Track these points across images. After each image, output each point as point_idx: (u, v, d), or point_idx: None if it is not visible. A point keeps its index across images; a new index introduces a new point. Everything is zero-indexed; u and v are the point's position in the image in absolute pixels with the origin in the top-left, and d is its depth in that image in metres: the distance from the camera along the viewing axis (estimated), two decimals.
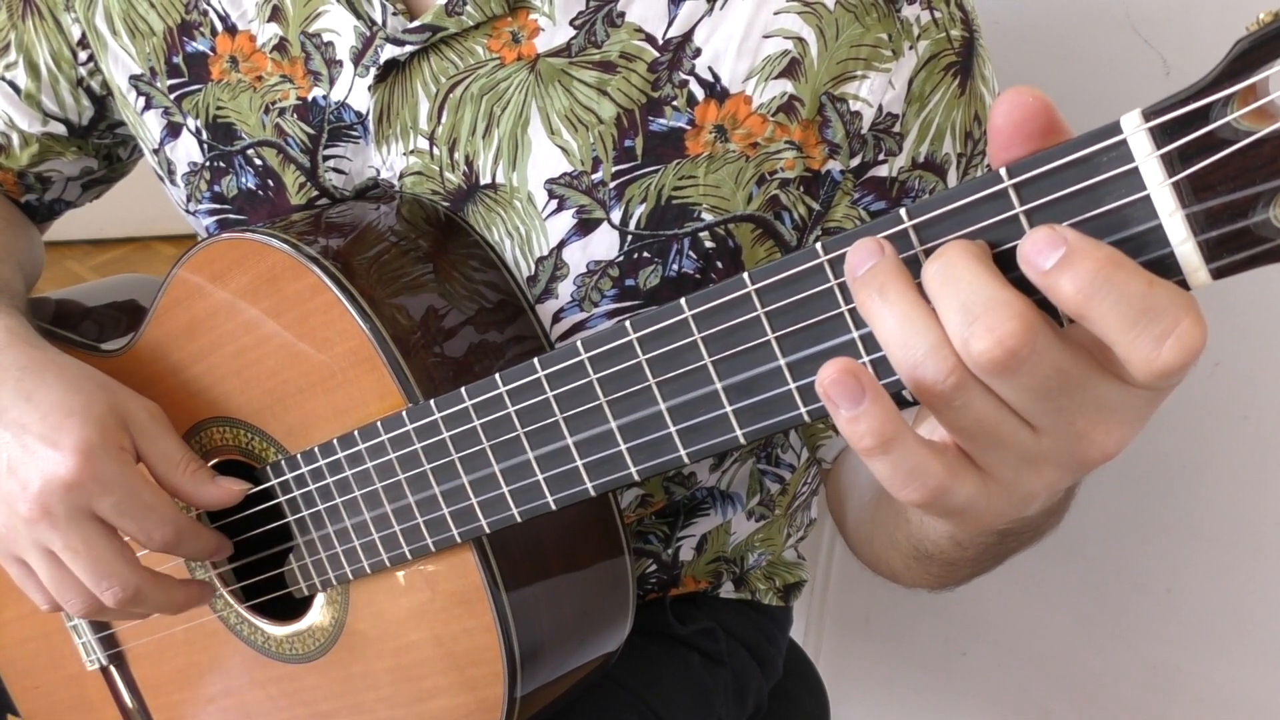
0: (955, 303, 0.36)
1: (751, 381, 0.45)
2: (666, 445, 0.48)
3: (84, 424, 0.59)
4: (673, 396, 0.47)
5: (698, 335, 0.45)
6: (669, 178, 0.62)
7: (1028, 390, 0.36)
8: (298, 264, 0.60)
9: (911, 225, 0.39)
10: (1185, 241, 0.35)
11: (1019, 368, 0.35)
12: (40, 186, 0.83)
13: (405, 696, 0.65)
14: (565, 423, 0.51)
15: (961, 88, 0.62)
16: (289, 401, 0.63)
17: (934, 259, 0.37)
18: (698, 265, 0.64)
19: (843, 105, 0.61)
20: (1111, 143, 0.35)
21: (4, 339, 0.64)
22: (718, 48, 0.61)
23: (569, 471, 0.51)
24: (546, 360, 0.50)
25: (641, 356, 0.47)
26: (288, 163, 0.70)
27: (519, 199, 0.64)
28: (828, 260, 0.41)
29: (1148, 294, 0.34)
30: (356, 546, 0.62)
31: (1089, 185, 0.36)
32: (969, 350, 0.36)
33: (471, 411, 0.54)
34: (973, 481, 0.39)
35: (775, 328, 0.43)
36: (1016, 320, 0.35)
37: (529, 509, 0.54)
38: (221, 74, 0.71)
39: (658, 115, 0.62)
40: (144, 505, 0.60)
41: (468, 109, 0.64)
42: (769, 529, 0.87)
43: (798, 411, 0.44)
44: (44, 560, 0.62)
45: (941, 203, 0.39)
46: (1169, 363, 0.34)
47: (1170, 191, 0.35)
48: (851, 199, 0.63)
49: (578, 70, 0.62)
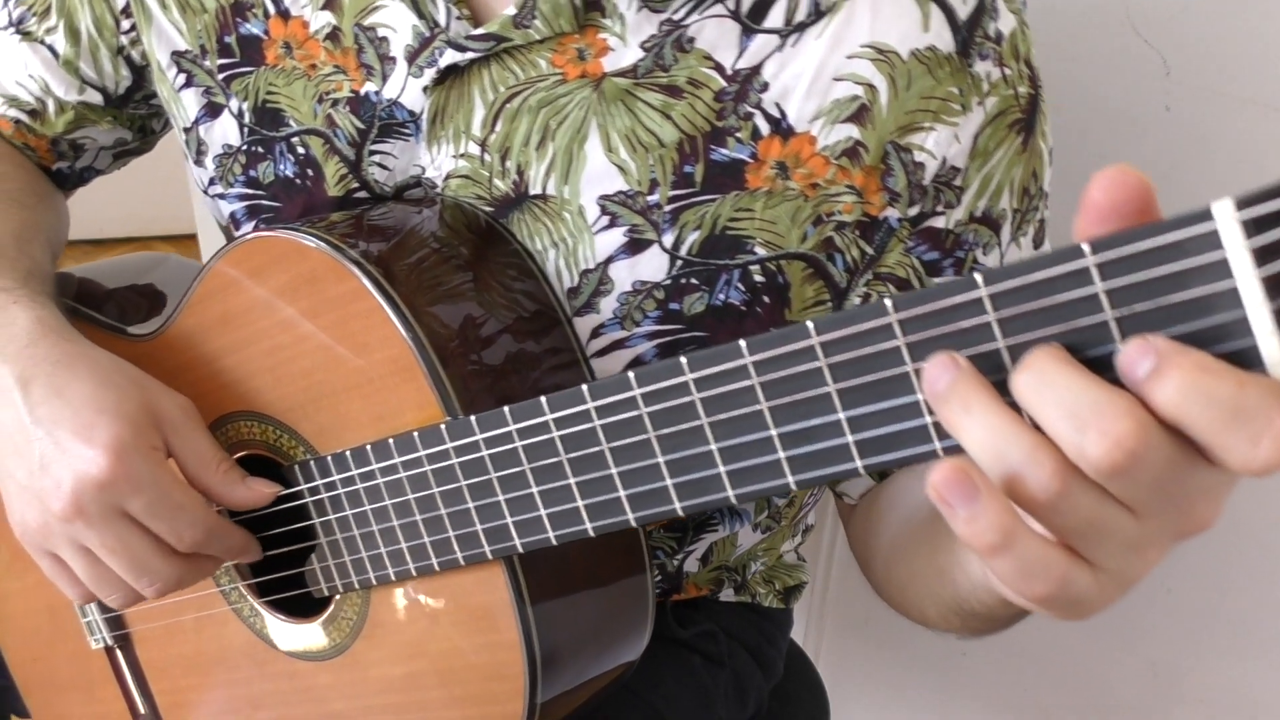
0: (1059, 410, 0.36)
1: (809, 431, 0.44)
2: (714, 484, 0.48)
3: (116, 421, 0.59)
4: (725, 438, 0.47)
5: (756, 380, 0.45)
6: (726, 208, 0.62)
7: (1141, 484, 0.36)
8: (340, 267, 0.59)
9: (988, 293, 0.39)
10: (1271, 334, 0.35)
11: (1137, 467, 0.35)
12: (72, 154, 0.82)
13: (420, 704, 0.65)
14: (611, 453, 0.50)
15: (1024, 145, 0.62)
16: (322, 402, 0.63)
17: (1022, 370, 0.37)
18: (744, 297, 0.63)
19: (907, 155, 0.60)
20: (1201, 231, 0.35)
21: (36, 331, 0.63)
22: (786, 84, 0.61)
23: (610, 501, 0.51)
24: (596, 389, 0.50)
25: (696, 395, 0.47)
26: (332, 154, 0.69)
27: (569, 211, 0.64)
28: (897, 320, 0.41)
29: (1239, 396, 0.34)
30: (383, 553, 0.62)
31: (1175, 271, 0.36)
32: (1085, 456, 0.36)
33: (515, 434, 0.53)
34: (1087, 573, 0.39)
35: (837, 379, 0.43)
36: (1130, 420, 0.35)
37: (566, 534, 0.54)
38: (276, 59, 0.70)
39: (720, 145, 0.61)
40: (175, 505, 0.60)
41: (524, 120, 0.63)
42: (772, 539, 0.87)
43: (854, 464, 0.44)
44: (80, 557, 0.62)
45: (1020, 273, 0.38)
46: (1266, 461, 0.34)
47: (1259, 284, 0.35)
48: (905, 246, 0.63)
49: (643, 92, 0.62)
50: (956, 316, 0.40)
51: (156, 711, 0.80)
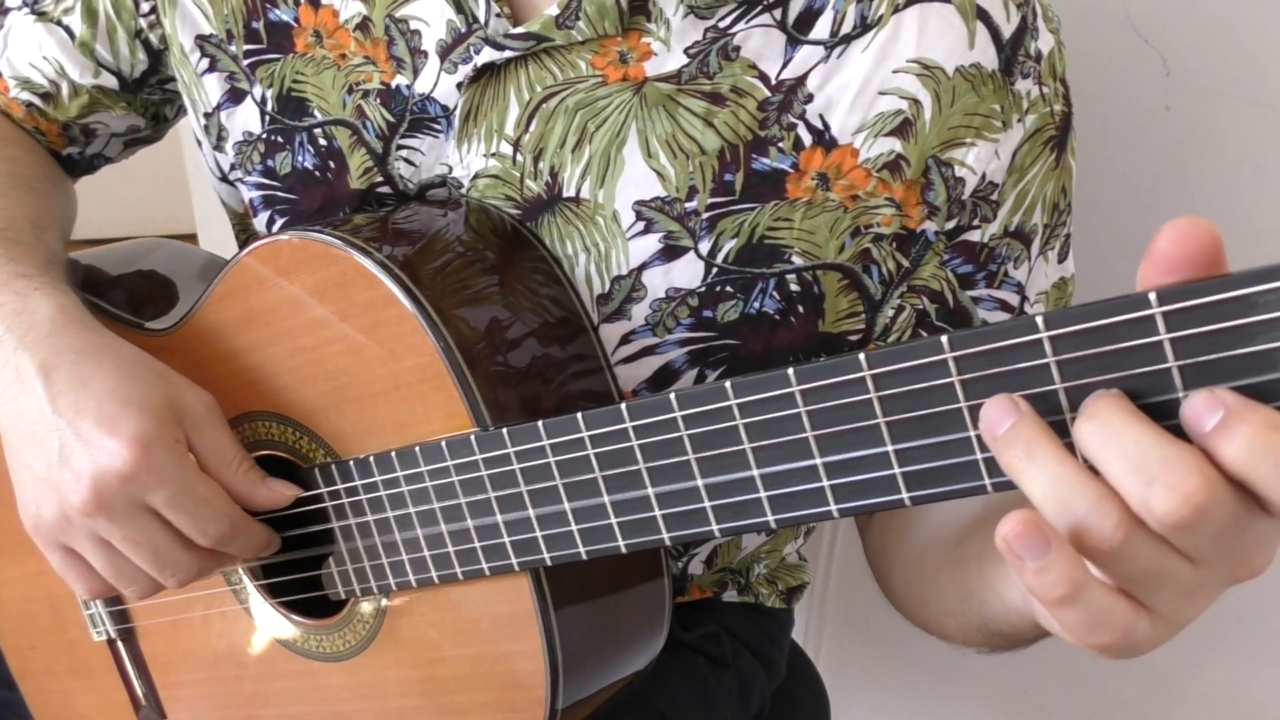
0: (1126, 464, 0.36)
1: (855, 461, 0.44)
2: (754, 509, 0.48)
3: (140, 414, 0.58)
4: (768, 464, 0.47)
5: (803, 409, 0.45)
6: (765, 217, 0.62)
7: (1203, 537, 0.36)
8: (370, 273, 0.58)
9: (1048, 336, 0.39)
10: None
11: (1203, 522, 0.35)
12: (84, 139, 0.81)
13: (436, 710, 0.64)
14: (648, 473, 0.50)
15: (1056, 161, 0.63)
16: (345, 407, 0.62)
17: (1087, 419, 0.37)
18: (779, 306, 0.63)
19: (948, 170, 0.60)
20: (1272, 287, 0.35)
21: (59, 319, 0.62)
22: (831, 96, 0.60)
23: (645, 520, 0.51)
24: (635, 409, 0.50)
25: (739, 420, 0.47)
26: (359, 145, 0.68)
27: (602, 215, 0.63)
28: (953, 357, 0.41)
29: None
30: (405, 560, 0.61)
31: (1242, 324, 0.36)
32: (1151, 511, 0.36)
33: (548, 449, 0.53)
34: (1146, 619, 0.39)
35: (887, 413, 0.43)
36: (1198, 476, 0.35)
37: (597, 549, 0.54)
38: (306, 48, 0.69)
39: (762, 154, 0.61)
40: (199, 499, 0.59)
41: (560, 121, 0.63)
42: (775, 541, 0.87)
43: (900, 496, 0.44)
44: (100, 550, 0.61)
45: (1083, 318, 0.38)
46: None
47: None
48: (940, 259, 0.63)
49: (685, 98, 0.61)
50: (1015, 358, 0.40)
51: (159, 704, 0.80)
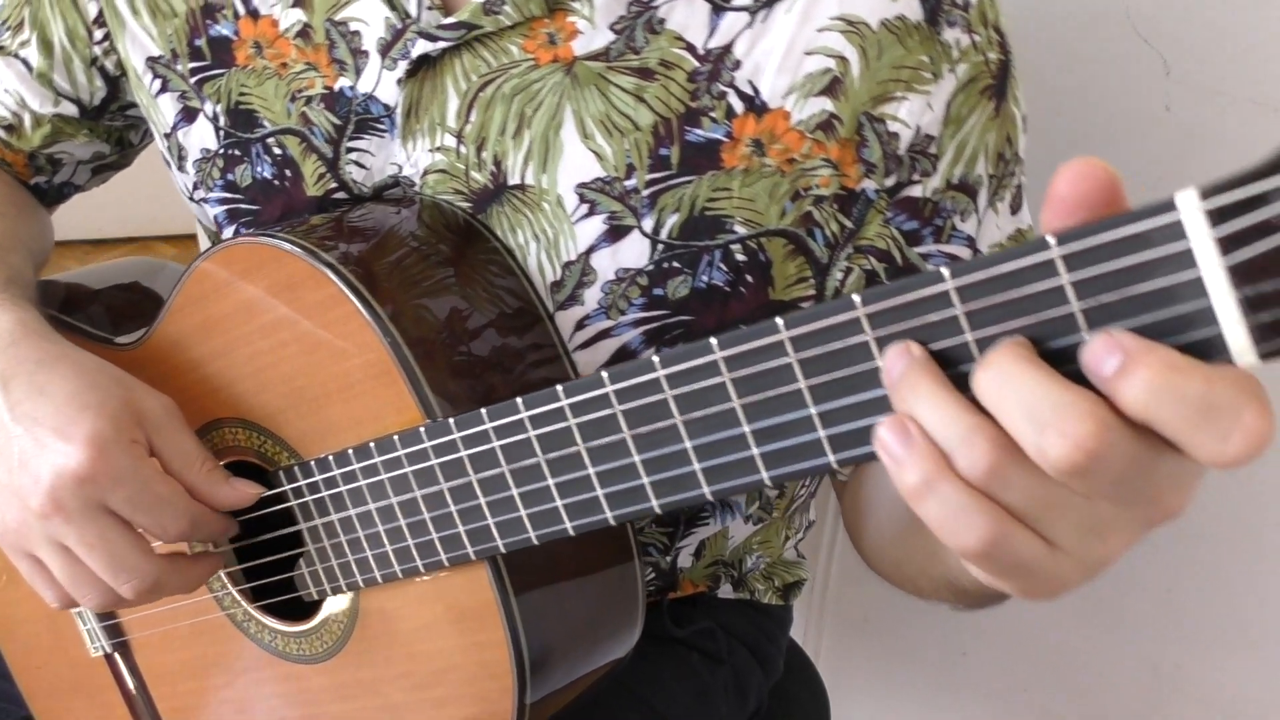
0: (1020, 411, 0.36)
1: (781, 427, 0.44)
2: (690, 482, 0.48)
3: (97, 417, 0.59)
4: (699, 435, 0.46)
5: (727, 377, 0.45)
6: (703, 189, 0.62)
7: (1102, 481, 0.36)
8: (318, 273, 0.59)
9: (955, 286, 0.39)
10: (1236, 324, 0.34)
11: (1098, 467, 0.35)
12: (50, 168, 0.82)
13: (412, 705, 0.65)
14: (587, 453, 0.50)
15: (996, 110, 0.62)
16: (304, 408, 0.62)
17: (984, 367, 0.37)
18: (728, 278, 0.63)
19: (881, 125, 0.60)
20: (1166, 221, 0.35)
21: (18, 332, 0.63)
22: (758, 61, 0.60)
23: (589, 501, 0.51)
24: (570, 389, 0.50)
25: (668, 393, 0.46)
26: (310, 152, 0.69)
27: (548, 201, 0.63)
28: (865, 314, 0.41)
29: (1207, 392, 0.33)
30: (369, 556, 0.62)
31: (1140, 262, 0.35)
32: (1045, 457, 0.35)
33: (491, 434, 0.53)
34: (1035, 543, 0.38)
35: (808, 375, 0.43)
36: (1090, 421, 0.35)
37: (546, 533, 0.54)
38: (246, 60, 0.69)
39: (695, 126, 0.61)
40: (158, 498, 0.59)
41: (498, 108, 0.63)
42: (766, 531, 0.86)
43: (826, 460, 0.43)
44: (58, 555, 0.62)
45: (987, 265, 0.38)
46: (1236, 456, 0.34)
47: (1224, 274, 0.34)
48: (884, 218, 0.62)
49: (615, 75, 0.61)
50: (924, 310, 0.40)
51: (158, 717, 0.81)
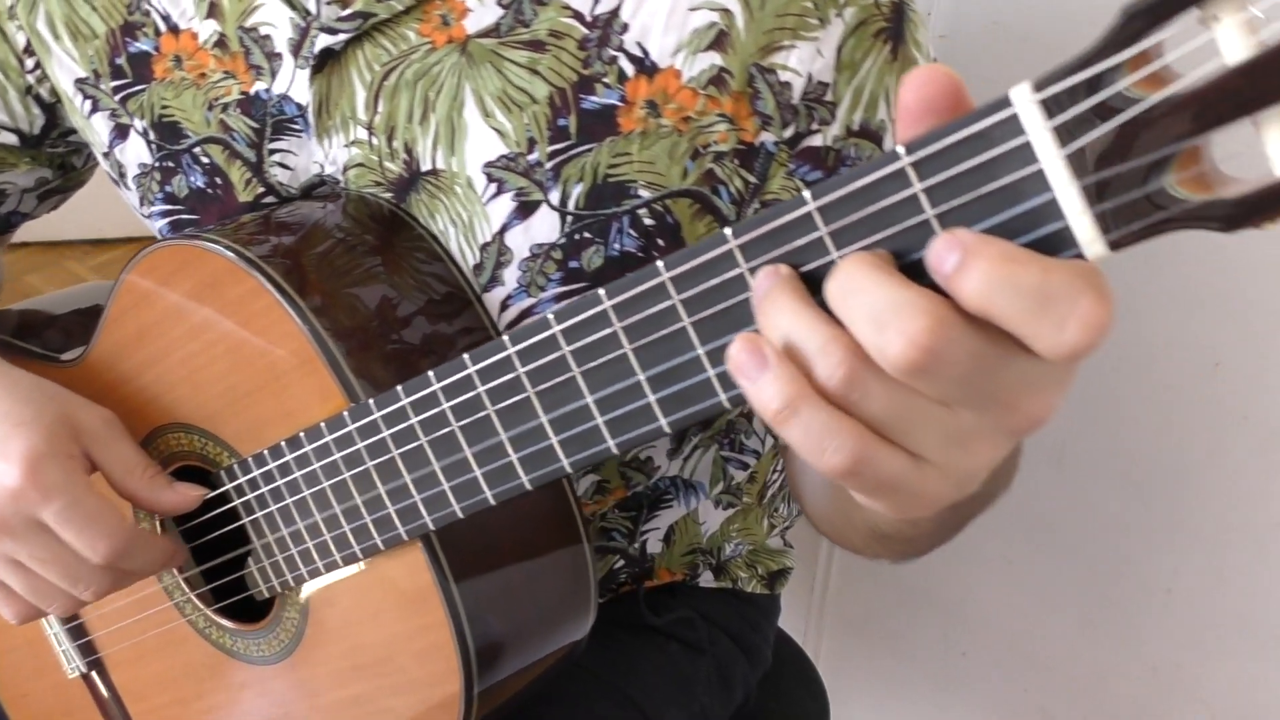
0: (862, 313, 0.36)
1: (672, 371, 0.44)
2: (595, 437, 0.48)
3: (31, 432, 0.59)
4: (598, 388, 0.46)
5: (618, 325, 0.45)
6: (604, 156, 0.62)
7: (947, 380, 0.36)
8: (237, 268, 0.59)
9: (816, 207, 0.39)
10: (1081, 214, 0.34)
11: (937, 364, 0.35)
12: None
13: (368, 695, 0.65)
14: (497, 417, 0.50)
15: (894, 54, 0.61)
16: (238, 405, 0.63)
17: (832, 276, 0.37)
18: (639, 244, 0.63)
19: (772, 76, 0.60)
20: (1003, 117, 0.35)
21: None
22: (645, 23, 0.60)
23: (504, 466, 0.51)
24: (476, 355, 0.50)
25: (565, 348, 0.47)
26: (234, 159, 0.70)
27: (459, 184, 0.64)
28: (736, 246, 0.41)
29: (1044, 282, 0.33)
30: (310, 547, 0.62)
31: (984, 161, 0.35)
32: (886, 358, 0.35)
33: (409, 409, 0.53)
34: (900, 457, 0.38)
35: (691, 314, 0.43)
36: (925, 317, 0.35)
37: (469, 504, 0.54)
38: (165, 73, 0.70)
39: (589, 93, 0.61)
40: (86, 514, 0.60)
41: (403, 95, 0.63)
42: (745, 519, 0.86)
43: (718, 399, 0.43)
44: (14, 572, 0.63)
45: (844, 183, 0.38)
46: (1074, 345, 0.34)
47: (1063, 164, 0.34)
48: (787, 170, 0.62)
49: (508, 50, 0.62)
50: (791, 235, 0.40)
51: None
